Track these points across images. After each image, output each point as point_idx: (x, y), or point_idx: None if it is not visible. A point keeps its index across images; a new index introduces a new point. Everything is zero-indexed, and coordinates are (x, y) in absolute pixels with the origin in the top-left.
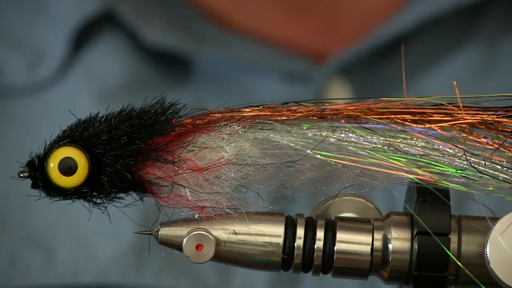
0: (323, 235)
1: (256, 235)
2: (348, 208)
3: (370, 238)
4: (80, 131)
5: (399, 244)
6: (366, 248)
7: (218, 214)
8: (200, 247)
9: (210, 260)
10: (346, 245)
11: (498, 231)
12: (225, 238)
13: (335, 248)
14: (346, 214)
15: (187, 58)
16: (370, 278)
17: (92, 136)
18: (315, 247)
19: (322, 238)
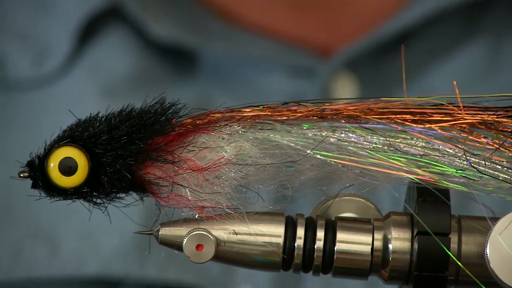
0: (323, 235)
1: (256, 235)
2: (348, 208)
3: (370, 238)
4: (80, 131)
5: (399, 244)
6: (366, 248)
7: (218, 214)
8: (200, 247)
9: (210, 260)
10: (346, 245)
11: (498, 231)
12: (225, 238)
13: (335, 248)
14: (346, 214)
15: (193, 53)
16: (371, 278)
17: (92, 136)
18: (315, 247)
19: (322, 238)
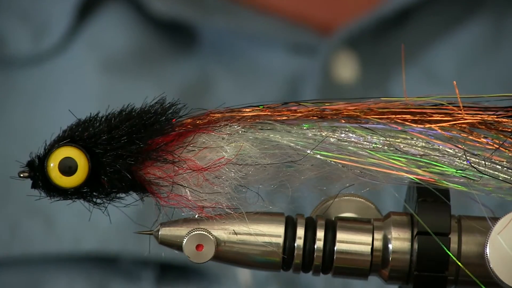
0: (323, 235)
1: (256, 235)
2: (348, 208)
3: (370, 238)
4: (80, 131)
5: (399, 244)
6: (366, 248)
7: (218, 214)
8: (200, 247)
9: (210, 260)
10: (346, 245)
11: (498, 231)
12: (225, 238)
13: (335, 248)
14: (346, 214)
15: (193, 28)
16: (372, 278)
17: (92, 136)
18: (315, 247)
19: (322, 238)
